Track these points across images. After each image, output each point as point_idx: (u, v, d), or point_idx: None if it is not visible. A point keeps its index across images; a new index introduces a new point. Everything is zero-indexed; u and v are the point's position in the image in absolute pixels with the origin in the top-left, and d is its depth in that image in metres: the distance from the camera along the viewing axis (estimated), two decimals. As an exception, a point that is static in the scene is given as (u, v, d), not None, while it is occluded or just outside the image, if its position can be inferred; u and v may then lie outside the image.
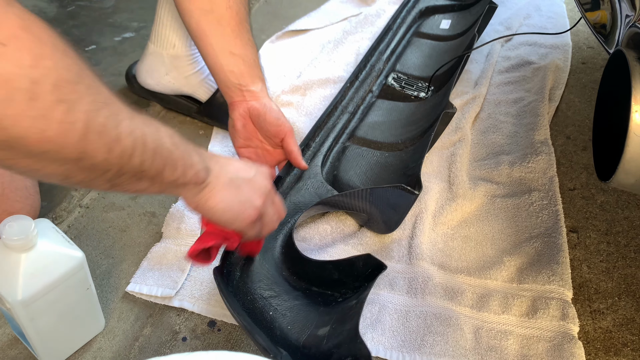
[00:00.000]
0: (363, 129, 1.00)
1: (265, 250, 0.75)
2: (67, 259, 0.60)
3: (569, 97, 1.14)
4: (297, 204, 0.83)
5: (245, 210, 0.59)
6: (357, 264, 0.70)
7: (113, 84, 1.08)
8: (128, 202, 0.89)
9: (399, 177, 0.89)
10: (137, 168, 0.47)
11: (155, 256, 0.80)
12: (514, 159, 0.97)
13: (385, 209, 0.81)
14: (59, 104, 0.38)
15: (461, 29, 1.23)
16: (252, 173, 0.61)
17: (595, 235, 0.86)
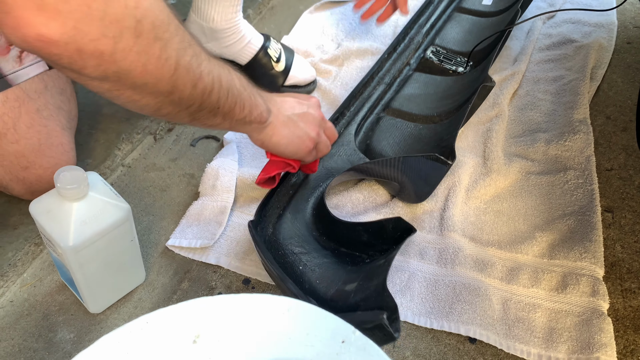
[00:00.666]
0: (398, 101, 1.01)
1: (296, 210, 0.78)
2: (115, 210, 0.63)
3: (611, 77, 1.12)
4: (329, 169, 0.85)
5: (303, 142, 0.68)
6: (387, 226, 0.71)
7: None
8: (168, 163, 0.92)
9: (432, 149, 0.90)
10: (214, 104, 0.54)
11: (193, 213, 0.83)
12: (551, 136, 0.96)
13: (417, 179, 0.82)
14: (157, 41, 0.44)
15: (504, 5, 1.21)
16: (304, 108, 0.69)
17: (630, 216, 0.85)
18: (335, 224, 0.76)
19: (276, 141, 0.66)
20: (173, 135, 0.97)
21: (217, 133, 0.98)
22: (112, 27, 0.41)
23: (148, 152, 0.93)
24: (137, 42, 0.43)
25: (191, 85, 0.50)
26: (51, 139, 0.77)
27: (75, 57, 0.41)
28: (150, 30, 0.43)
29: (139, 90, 0.47)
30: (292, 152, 0.69)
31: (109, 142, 0.90)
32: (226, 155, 0.89)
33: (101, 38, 0.41)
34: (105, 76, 0.44)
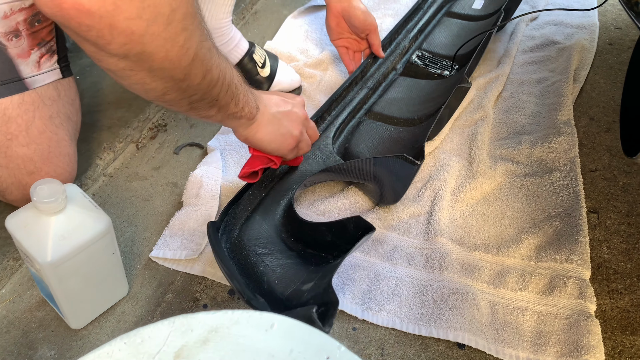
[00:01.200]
0: (381, 105, 1.01)
1: (266, 212, 0.77)
2: (95, 223, 0.61)
3: (594, 78, 1.13)
4: (304, 172, 0.84)
5: (285, 140, 0.71)
6: (348, 226, 0.71)
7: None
8: (151, 172, 0.90)
9: (408, 150, 0.89)
10: (214, 97, 0.57)
11: (177, 223, 0.81)
12: (536, 138, 0.96)
13: (388, 180, 0.81)
14: (183, 31, 0.47)
15: (494, 8, 1.21)
16: (289, 107, 0.72)
17: (615, 217, 0.85)
18: (301, 225, 0.75)
19: (260, 138, 0.69)
20: (156, 143, 0.95)
21: (201, 140, 0.97)
22: (148, 10, 0.43)
23: (130, 161, 0.92)
24: (167, 28, 0.45)
25: (201, 76, 0.53)
26: (60, 147, 0.77)
27: (105, 31, 0.43)
28: (180, 20, 0.46)
29: (154, 74, 0.49)
30: (274, 148, 0.71)
31: (90, 151, 0.89)
32: (210, 163, 0.88)
33: (136, 19, 0.43)
34: (126, 55, 0.46)
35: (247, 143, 0.71)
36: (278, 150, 0.72)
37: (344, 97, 0.99)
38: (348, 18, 1.00)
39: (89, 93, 0.99)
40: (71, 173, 0.79)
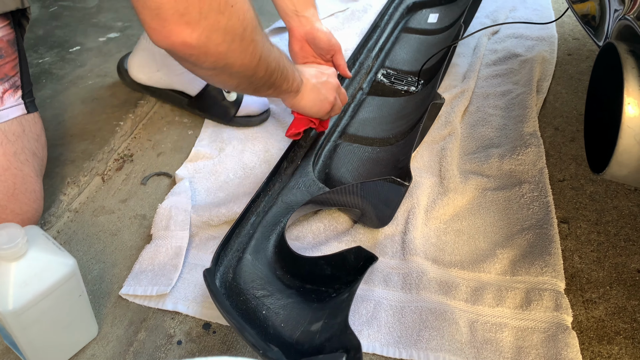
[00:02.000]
0: (354, 126, 1.00)
1: (257, 251, 0.75)
2: (58, 266, 0.59)
3: (556, 88, 1.15)
4: (289, 203, 0.83)
5: (323, 105, 0.87)
6: (349, 257, 0.70)
7: (99, 85, 1.07)
8: (118, 205, 0.88)
9: (390, 170, 0.89)
10: (272, 81, 0.73)
11: (146, 257, 0.79)
12: (504, 151, 0.97)
13: (377, 203, 0.81)
14: (252, 42, 0.62)
15: (449, 21, 1.24)
16: (325, 77, 0.88)
17: (585, 226, 0.87)
18: (298, 261, 0.74)
19: (304, 104, 0.85)
20: (122, 175, 0.93)
21: (169, 169, 0.95)
22: (229, 34, 0.58)
23: (96, 195, 0.89)
24: (241, 44, 0.61)
25: (264, 70, 0.69)
26: (26, 184, 0.75)
27: (202, 55, 0.59)
28: (249, 34, 0.61)
29: (232, 76, 0.66)
30: (314, 112, 0.87)
31: (53, 187, 0.86)
32: (178, 193, 0.86)
33: (222, 43, 0.58)
34: (214, 67, 0.62)
35: (293, 109, 0.87)
36: (317, 113, 0.87)
37: None
38: (312, 40, 0.99)
39: (51, 126, 0.96)
40: (37, 210, 0.77)
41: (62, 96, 1.03)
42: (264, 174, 0.94)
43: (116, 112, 1.00)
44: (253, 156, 0.99)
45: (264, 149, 1.00)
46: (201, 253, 0.80)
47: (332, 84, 0.88)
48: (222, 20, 0.56)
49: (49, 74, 1.09)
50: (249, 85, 0.71)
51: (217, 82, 0.70)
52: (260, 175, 0.94)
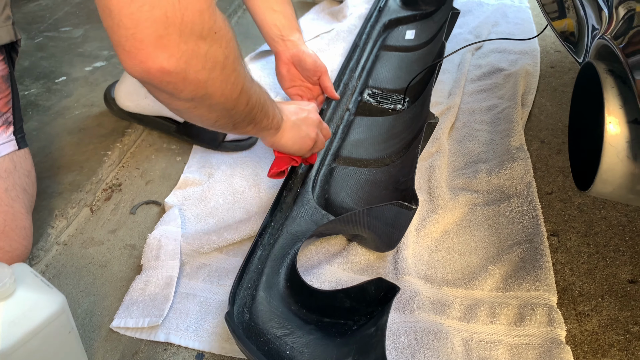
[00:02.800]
0: (347, 148, 1.00)
1: (269, 286, 0.73)
2: (47, 304, 0.58)
3: (540, 101, 1.17)
4: (294, 234, 0.81)
5: (304, 142, 0.83)
6: (369, 289, 0.69)
7: (86, 115, 1.07)
8: (107, 235, 0.87)
9: (391, 192, 0.88)
10: (252, 116, 0.69)
11: (137, 289, 0.78)
12: (492, 166, 0.98)
13: (384, 228, 0.79)
14: (234, 72, 0.59)
15: (426, 37, 1.25)
16: (305, 113, 0.84)
17: (575, 238, 0.87)
18: (314, 294, 0.72)
19: (284, 142, 0.80)
20: (111, 205, 0.93)
21: (158, 197, 0.94)
22: (209, 62, 0.54)
23: (85, 226, 0.89)
24: (222, 72, 0.57)
25: (245, 103, 0.65)
26: (16, 221, 0.74)
27: (180, 83, 0.54)
28: (231, 63, 0.58)
29: (211, 108, 0.61)
30: (296, 150, 0.83)
31: (40, 220, 0.85)
32: (168, 222, 0.86)
33: (201, 70, 0.54)
34: (193, 98, 0.57)
35: (273, 147, 0.82)
36: (299, 151, 0.83)
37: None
38: (298, 63, 1.01)
39: (37, 158, 0.96)
40: (27, 247, 0.77)
41: (49, 128, 1.03)
42: (253, 198, 0.94)
43: (103, 141, 1.00)
44: (242, 180, 0.99)
45: (254, 173, 1.00)
46: (192, 282, 0.80)
47: (312, 120, 0.84)
48: (203, 46, 0.52)
49: (35, 106, 1.09)
50: (228, 120, 0.66)
51: (194, 116, 0.63)
52: (250, 200, 0.94)
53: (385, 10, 1.36)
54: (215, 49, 0.54)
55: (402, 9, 1.39)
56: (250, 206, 0.93)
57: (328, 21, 1.45)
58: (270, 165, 0.85)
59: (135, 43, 0.49)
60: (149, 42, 0.49)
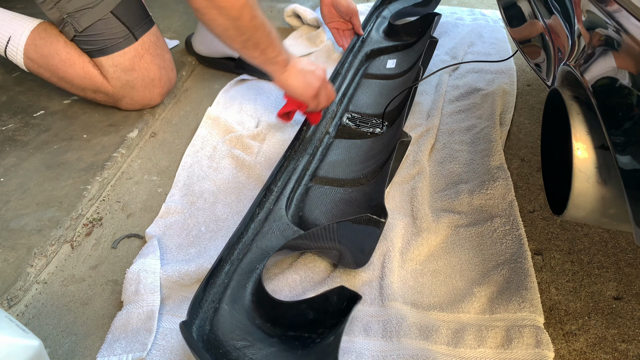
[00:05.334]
0: (324, 169, 1.01)
1: (234, 300, 0.74)
2: (23, 350, 0.57)
3: (518, 119, 1.18)
4: (264, 249, 0.82)
5: (308, 89, 0.98)
6: (331, 298, 0.69)
7: (65, 149, 1.06)
8: (89, 272, 0.86)
9: (363, 210, 0.89)
10: (257, 39, 0.86)
11: (119, 325, 0.76)
12: (473, 187, 0.98)
13: (354, 243, 0.80)
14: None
15: (407, 65, 1.28)
16: (313, 67, 1.00)
17: (559, 256, 0.88)
18: (278, 306, 0.72)
19: (290, 83, 0.96)
20: (92, 240, 0.91)
21: (140, 230, 0.93)
22: None
23: (65, 263, 0.87)
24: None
25: (249, 18, 0.82)
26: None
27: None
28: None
29: (219, 12, 0.80)
30: (300, 94, 0.98)
31: (19, 259, 0.83)
32: (146, 254, 0.85)
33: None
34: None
35: (281, 87, 0.98)
36: (303, 95, 0.98)
37: (287, 166, 0.99)
38: (336, 5, 1.32)
39: (15, 195, 0.94)
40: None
41: (27, 163, 1.02)
42: (236, 226, 0.94)
43: (83, 175, 0.99)
44: (225, 208, 0.98)
45: (237, 200, 1.00)
46: (175, 317, 0.78)
47: (318, 75, 1.00)
48: None
49: (12, 141, 1.08)
50: (236, 31, 0.83)
51: (209, 20, 0.82)
52: (233, 227, 0.93)
53: (368, 41, 1.41)
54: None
55: (385, 39, 1.43)
56: (234, 235, 0.92)
57: (306, 47, 1.47)
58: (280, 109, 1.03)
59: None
60: None
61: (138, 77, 1.10)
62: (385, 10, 1.58)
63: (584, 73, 0.48)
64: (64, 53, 1.07)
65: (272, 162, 1.08)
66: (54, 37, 1.07)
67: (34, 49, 1.08)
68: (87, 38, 1.05)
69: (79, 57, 1.08)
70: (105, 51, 1.07)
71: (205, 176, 1.04)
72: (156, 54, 1.12)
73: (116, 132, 1.11)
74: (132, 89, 1.11)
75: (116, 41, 1.06)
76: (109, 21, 1.04)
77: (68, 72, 1.09)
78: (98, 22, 1.03)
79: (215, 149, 1.11)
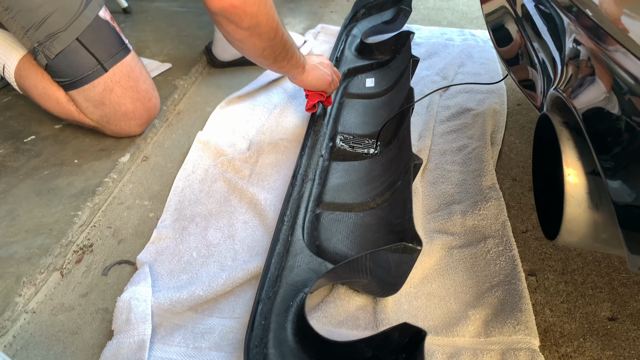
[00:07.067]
0: (329, 194, 1.00)
1: (279, 343, 0.70)
2: (9, 385, 0.55)
3: (509, 139, 1.19)
4: (293, 284, 0.79)
5: (325, 79, 1.14)
6: (393, 335, 0.66)
7: (56, 175, 1.05)
8: (78, 300, 0.84)
9: (384, 235, 0.87)
10: (286, 51, 0.99)
11: (109, 356, 0.75)
12: (466, 207, 0.98)
13: (387, 272, 0.77)
14: (272, 8, 0.88)
15: (387, 84, 1.29)
16: (321, 59, 1.17)
17: (552, 276, 0.87)
18: (331, 347, 0.68)
19: (310, 79, 1.12)
20: (82, 267, 0.90)
21: (131, 256, 0.92)
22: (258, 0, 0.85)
23: (55, 292, 0.86)
24: (266, 7, 0.86)
25: (281, 35, 0.94)
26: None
27: (241, 14, 0.84)
28: (271, 4, 0.88)
29: (260, 37, 0.90)
30: (319, 85, 1.14)
31: (7, 289, 0.82)
32: (137, 282, 0.84)
33: (253, 5, 0.84)
34: (249, 27, 0.87)
35: (302, 85, 1.14)
36: (322, 86, 1.14)
37: (292, 194, 0.98)
38: None
39: (4, 222, 0.93)
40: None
41: (17, 189, 1.01)
42: (228, 251, 0.93)
43: (74, 201, 0.98)
44: (217, 232, 0.97)
45: (228, 224, 0.99)
46: (167, 346, 0.77)
47: (327, 64, 1.17)
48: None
49: (2, 167, 1.07)
50: (272, 50, 0.95)
51: (250, 45, 0.91)
52: (225, 252, 0.93)
53: (343, 60, 1.42)
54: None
55: (358, 58, 1.44)
56: (225, 259, 0.91)
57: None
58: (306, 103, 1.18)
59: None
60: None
61: (110, 112, 1.09)
62: (354, 28, 1.60)
63: (573, 99, 0.48)
64: (40, 87, 1.07)
65: (264, 185, 1.07)
66: (34, 69, 1.07)
67: (20, 80, 1.09)
68: (58, 69, 1.04)
69: (54, 92, 1.08)
70: (76, 84, 1.05)
71: (196, 200, 1.04)
72: (128, 86, 1.08)
73: (107, 156, 1.10)
74: (108, 122, 1.11)
75: (85, 73, 1.04)
76: (78, 51, 1.01)
77: (47, 106, 1.10)
78: (67, 51, 1.01)
79: (207, 172, 1.11)
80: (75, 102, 1.08)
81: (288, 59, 1.01)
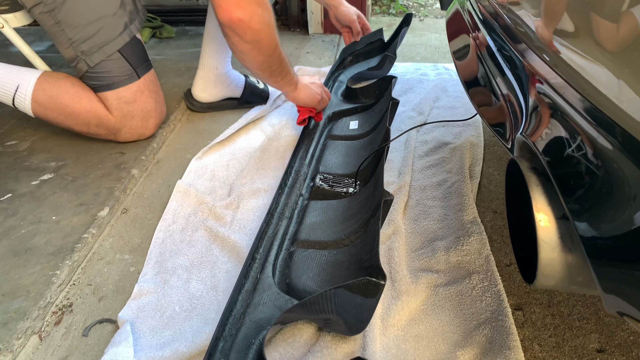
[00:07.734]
0: (304, 232, 1.00)
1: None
2: None
3: (488, 171, 1.20)
4: (258, 321, 0.78)
5: (315, 97, 1.28)
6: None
7: (33, 233, 1.03)
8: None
9: (355, 272, 0.87)
10: (282, 68, 1.14)
11: None
12: (449, 243, 0.98)
13: (353, 308, 0.77)
14: (274, 29, 1.05)
15: (369, 126, 1.31)
16: (312, 79, 1.31)
17: (539, 310, 0.87)
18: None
19: (302, 97, 1.26)
20: (61, 329, 0.88)
21: (112, 314, 0.90)
22: (262, 19, 1.00)
23: (33, 357, 0.83)
24: (268, 27, 1.02)
25: (279, 52, 1.09)
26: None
27: (246, 28, 0.99)
28: (272, 24, 1.03)
29: (260, 52, 1.05)
30: (309, 102, 1.28)
31: (-17, 358, 0.79)
32: (118, 343, 0.81)
33: (258, 22, 0.99)
34: (252, 41, 1.02)
35: (294, 102, 1.28)
36: (311, 103, 1.28)
37: (266, 231, 0.98)
38: (337, 16, 1.67)
39: (-20, 287, 0.91)
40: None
41: (-7, 251, 0.99)
42: (211, 303, 0.91)
43: (52, 260, 0.96)
44: (199, 284, 0.96)
45: (211, 275, 0.98)
46: (150, 409, 0.75)
47: (317, 84, 1.32)
48: (259, 9, 0.99)
49: (-22, 228, 1.05)
50: (269, 65, 1.10)
51: (251, 57, 1.06)
52: (208, 305, 0.91)
53: (329, 104, 1.45)
54: (264, 11, 1.00)
55: (344, 102, 1.48)
56: (208, 312, 0.90)
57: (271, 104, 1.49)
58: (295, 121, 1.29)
59: (227, 5, 0.97)
60: (233, 4, 0.97)
61: (138, 108, 1.27)
62: (341, 75, 1.66)
63: (538, 144, 0.49)
64: (72, 91, 1.22)
65: (247, 231, 1.07)
66: (61, 79, 1.23)
67: (42, 92, 1.21)
68: (96, 74, 1.21)
69: (85, 93, 1.23)
70: (111, 86, 1.23)
71: (177, 251, 1.03)
72: (153, 90, 1.30)
73: (86, 211, 1.09)
74: (132, 118, 1.27)
75: (122, 78, 1.23)
76: (118, 61, 1.21)
77: (76, 107, 1.23)
78: (108, 61, 1.20)
79: (187, 221, 1.10)
80: (106, 100, 1.24)
81: (282, 76, 1.15)
